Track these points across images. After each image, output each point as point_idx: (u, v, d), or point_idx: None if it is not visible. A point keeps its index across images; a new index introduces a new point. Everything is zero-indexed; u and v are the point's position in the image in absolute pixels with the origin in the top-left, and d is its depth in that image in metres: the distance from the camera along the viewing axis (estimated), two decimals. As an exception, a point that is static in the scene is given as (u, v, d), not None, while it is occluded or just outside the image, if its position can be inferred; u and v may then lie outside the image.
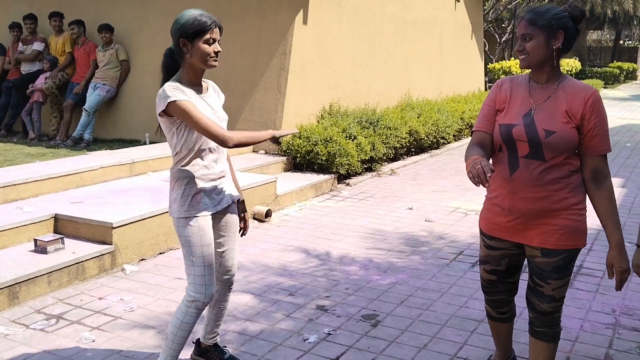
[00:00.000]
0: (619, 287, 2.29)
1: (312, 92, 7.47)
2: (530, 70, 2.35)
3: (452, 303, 3.64)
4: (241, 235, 2.81)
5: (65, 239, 4.09)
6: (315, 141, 6.66)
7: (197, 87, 2.54)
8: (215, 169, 2.57)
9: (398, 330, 3.27)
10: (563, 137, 2.23)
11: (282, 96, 7.02)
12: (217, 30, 2.46)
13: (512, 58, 20.16)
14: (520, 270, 2.57)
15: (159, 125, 2.55)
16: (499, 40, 22.30)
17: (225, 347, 2.94)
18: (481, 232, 2.54)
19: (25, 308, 3.51)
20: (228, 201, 2.64)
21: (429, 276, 4.08)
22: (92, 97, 7.66)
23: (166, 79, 2.53)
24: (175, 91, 2.40)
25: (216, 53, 2.48)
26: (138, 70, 7.86)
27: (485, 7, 16.38)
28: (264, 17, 7.14)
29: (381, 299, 3.70)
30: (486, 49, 17.07)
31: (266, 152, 7.04)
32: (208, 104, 2.54)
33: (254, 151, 7.14)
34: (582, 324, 3.37)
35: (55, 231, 4.30)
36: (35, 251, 3.95)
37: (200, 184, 2.52)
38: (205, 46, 2.43)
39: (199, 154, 2.51)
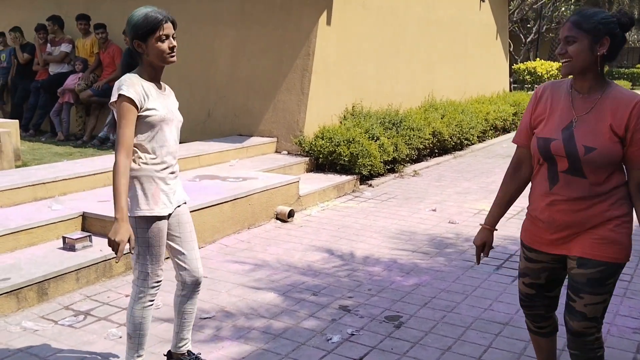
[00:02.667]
0: None
1: (335, 93, 7.48)
2: (573, 78, 2.23)
3: (476, 305, 3.61)
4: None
5: (93, 237, 4.16)
6: (337, 142, 6.67)
7: (157, 84, 2.55)
8: (173, 168, 2.57)
9: (422, 332, 3.26)
10: (604, 154, 2.12)
11: (305, 97, 7.04)
12: (169, 25, 2.43)
13: (538, 59, 19.93)
14: (561, 285, 2.46)
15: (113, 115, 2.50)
16: (524, 40, 22.05)
17: (200, 354, 2.88)
18: (522, 244, 2.46)
19: (54, 304, 3.58)
20: (178, 202, 2.63)
21: (452, 278, 4.06)
22: (119, 98, 7.77)
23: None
24: (130, 87, 2.38)
25: (172, 48, 2.45)
26: (164, 71, 7.94)
27: (510, 7, 16.21)
28: (288, 18, 7.18)
29: (404, 300, 3.69)
30: (511, 49, 16.89)
31: (289, 153, 7.07)
32: (167, 102, 2.56)
33: (276, 151, 7.18)
34: (610, 328, 3.31)
35: (83, 229, 4.38)
36: (64, 249, 4.03)
37: (160, 182, 2.51)
38: (159, 44, 2.41)
39: (150, 148, 2.48)
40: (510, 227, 5.23)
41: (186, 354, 2.80)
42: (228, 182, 5.43)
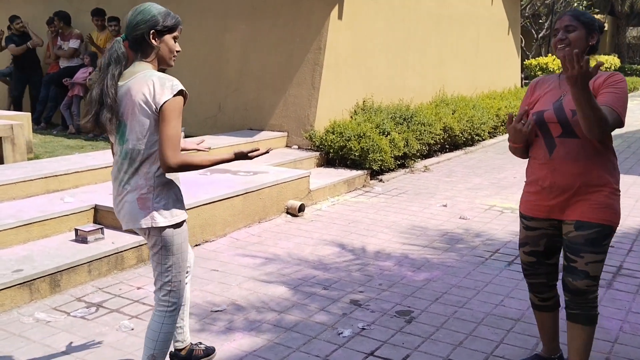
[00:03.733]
0: None
1: (346, 87, 7.46)
2: (563, 65, 2.44)
3: (487, 301, 3.60)
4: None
5: (105, 230, 4.18)
6: (348, 137, 6.65)
7: None
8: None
9: (433, 327, 3.25)
10: None
11: (316, 91, 7.02)
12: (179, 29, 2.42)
13: (550, 54, 19.75)
14: (558, 253, 2.66)
15: (113, 115, 2.28)
16: (535, 36, 21.87)
17: (200, 342, 2.89)
18: (520, 216, 2.67)
19: (66, 296, 3.60)
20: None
21: (464, 274, 4.04)
22: (130, 92, 7.79)
23: (122, 71, 2.32)
24: (177, 80, 2.29)
25: (177, 52, 2.43)
26: (174, 65, 7.96)
27: (522, 3, 16.08)
28: (299, 13, 7.16)
29: (415, 295, 3.68)
30: (523, 45, 16.77)
31: (299, 147, 7.06)
32: None
33: (287, 146, 7.18)
34: (622, 325, 3.29)
35: (95, 221, 4.41)
36: (76, 241, 4.05)
37: (177, 191, 2.40)
38: (173, 43, 2.39)
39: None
40: (522, 223, 5.20)
41: (192, 343, 2.82)
42: (239, 176, 5.43)
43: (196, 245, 4.53)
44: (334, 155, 6.76)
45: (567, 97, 2.46)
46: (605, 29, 31.03)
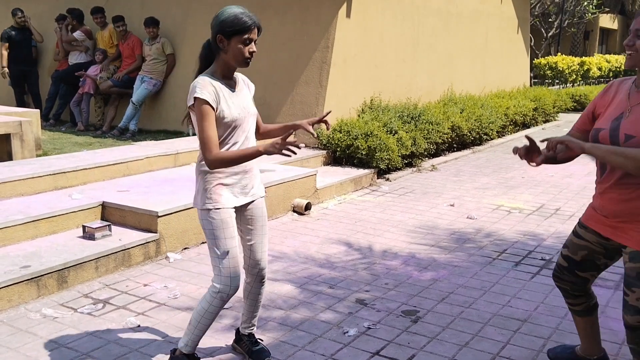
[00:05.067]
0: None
1: (354, 86, 7.44)
2: (637, 71, 2.29)
3: (494, 302, 3.58)
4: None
5: (112, 226, 4.20)
6: (355, 135, 6.64)
7: (230, 82, 2.55)
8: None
9: (439, 327, 3.23)
10: None
11: (324, 90, 7.01)
12: (255, 30, 2.44)
13: (559, 53, 19.65)
14: (595, 271, 2.54)
15: (187, 115, 2.57)
16: (545, 35, 21.75)
17: (261, 339, 2.95)
18: (578, 222, 2.58)
19: (74, 292, 3.62)
20: (253, 196, 2.66)
21: (470, 274, 4.02)
22: (140, 90, 7.83)
23: (202, 69, 2.56)
24: (204, 89, 2.41)
25: (251, 54, 2.46)
26: (183, 63, 7.99)
27: (532, 1, 15.99)
28: (307, 10, 7.15)
29: (422, 295, 3.67)
30: (532, 43, 16.68)
31: (306, 146, 7.06)
32: (240, 100, 2.55)
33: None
34: None
35: (103, 218, 4.42)
36: (84, 237, 4.07)
37: (222, 177, 2.53)
38: (241, 46, 2.43)
39: (224, 147, 2.51)
40: (530, 224, 5.18)
41: (247, 336, 2.89)
42: (246, 174, 5.43)
43: (203, 242, 4.54)
44: (341, 153, 6.75)
45: (630, 116, 2.23)
46: (615, 28, 30.83)
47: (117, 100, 8.16)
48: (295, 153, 2.39)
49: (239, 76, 2.65)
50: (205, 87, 2.43)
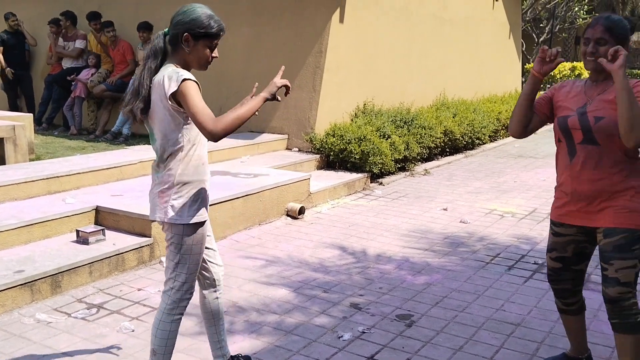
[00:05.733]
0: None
1: (347, 90, 7.47)
2: (591, 72, 2.51)
3: (488, 306, 3.60)
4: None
5: (106, 231, 4.19)
6: (348, 140, 6.66)
7: None
8: (209, 170, 2.49)
9: (433, 331, 3.25)
10: (611, 120, 2.38)
11: (317, 94, 7.04)
12: (221, 37, 2.39)
13: (550, 58, 19.74)
14: (587, 259, 2.67)
15: (139, 111, 2.34)
16: (536, 40, 21.90)
17: (240, 354, 2.87)
18: (550, 222, 2.69)
19: (67, 297, 3.61)
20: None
21: (464, 278, 4.05)
22: (133, 94, 7.79)
23: (160, 65, 2.36)
24: (188, 73, 2.30)
25: (212, 59, 2.41)
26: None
27: (523, 7, 16.11)
28: (301, 16, 7.17)
29: (416, 299, 3.68)
30: (523, 49, 16.80)
31: (300, 150, 7.07)
32: None
33: (287, 148, 7.19)
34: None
35: (96, 223, 4.41)
36: (77, 242, 4.06)
37: (202, 191, 2.42)
38: (207, 51, 2.37)
39: (202, 148, 2.41)
40: (522, 228, 5.21)
41: (235, 357, 2.80)
42: (239, 178, 5.44)
43: (197, 247, 4.53)
44: (334, 158, 6.77)
45: (593, 104, 2.47)
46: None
47: (110, 104, 8.14)
48: (288, 88, 2.38)
49: None
50: (184, 70, 2.31)
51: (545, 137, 10.44)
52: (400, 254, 4.49)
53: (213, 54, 2.40)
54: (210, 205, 4.63)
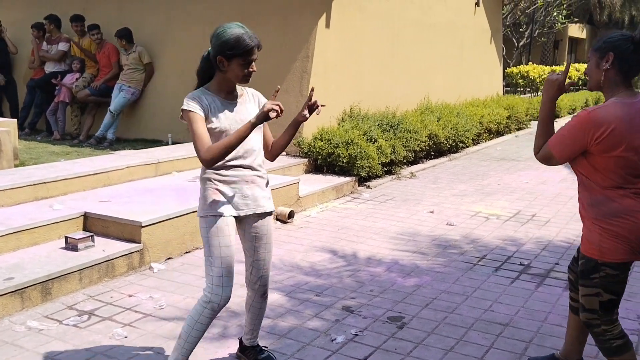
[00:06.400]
0: None
1: (334, 95, 7.51)
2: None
3: (476, 306, 3.66)
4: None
5: (95, 237, 4.17)
6: (336, 143, 6.71)
7: (228, 95, 2.56)
8: (240, 172, 2.56)
9: (424, 333, 3.30)
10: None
11: (304, 98, 7.05)
12: (256, 51, 2.46)
13: (530, 62, 20.08)
14: None
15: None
16: (516, 44, 22.19)
17: (265, 347, 2.97)
18: None
19: (58, 304, 3.59)
20: (257, 209, 2.62)
21: (452, 279, 4.11)
22: (118, 99, 7.77)
23: (201, 83, 2.57)
24: (192, 101, 2.46)
25: (250, 73, 2.49)
26: (161, 71, 7.97)
27: (503, 12, 16.34)
28: (287, 21, 7.21)
29: (406, 301, 3.73)
30: (504, 53, 17.02)
31: (288, 154, 7.09)
32: (234, 112, 2.53)
33: (274, 153, 7.19)
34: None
35: (85, 229, 4.39)
36: (66, 248, 4.03)
37: (220, 186, 2.54)
38: (242, 68, 2.45)
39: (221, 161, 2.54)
40: (507, 229, 5.30)
41: (250, 347, 2.92)
42: (228, 183, 5.44)
43: (186, 252, 4.54)
44: (322, 161, 6.81)
45: None
46: (584, 37, 31.61)
47: (94, 109, 8.09)
48: (280, 114, 2.38)
49: (248, 91, 2.66)
50: (193, 99, 2.47)
51: (526, 141, 10.61)
52: (389, 257, 4.54)
53: (250, 69, 2.48)
54: (200, 210, 4.66)
